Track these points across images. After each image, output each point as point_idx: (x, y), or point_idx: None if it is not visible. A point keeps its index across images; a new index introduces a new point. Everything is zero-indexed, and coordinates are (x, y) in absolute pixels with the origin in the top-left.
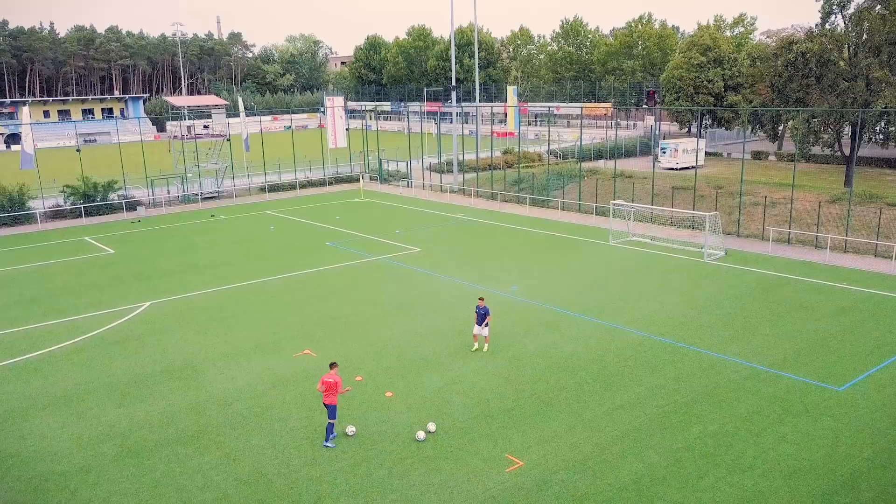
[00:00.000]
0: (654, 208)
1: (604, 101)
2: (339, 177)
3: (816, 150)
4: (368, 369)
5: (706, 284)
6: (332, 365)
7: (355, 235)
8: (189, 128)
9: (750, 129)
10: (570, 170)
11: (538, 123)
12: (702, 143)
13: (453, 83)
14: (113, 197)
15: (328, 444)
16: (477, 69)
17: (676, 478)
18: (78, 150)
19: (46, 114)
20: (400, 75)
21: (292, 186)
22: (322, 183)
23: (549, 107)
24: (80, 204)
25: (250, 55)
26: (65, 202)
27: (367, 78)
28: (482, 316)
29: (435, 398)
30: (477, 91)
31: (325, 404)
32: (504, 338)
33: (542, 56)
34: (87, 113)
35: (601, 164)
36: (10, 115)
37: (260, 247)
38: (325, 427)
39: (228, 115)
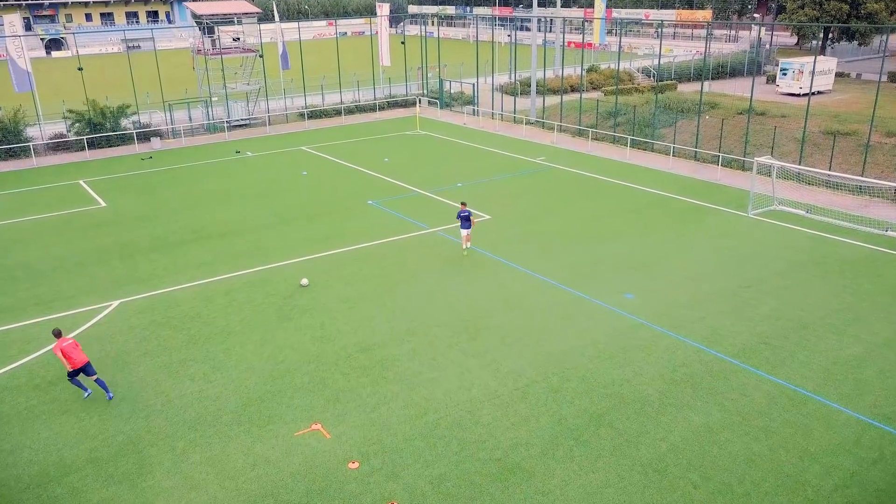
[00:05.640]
0: (818, 171)
1: (701, 9)
2: (393, 100)
3: None
4: (409, 479)
5: None
6: (57, 334)
7: (406, 189)
8: (214, 41)
9: None
10: (680, 101)
11: (624, 33)
12: (832, 62)
13: None
14: (126, 124)
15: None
16: None
17: None
18: (80, 69)
19: (88, 17)
20: None
21: (337, 112)
22: (372, 108)
23: (632, 17)
24: (85, 135)
25: None
26: (68, 131)
27: None
28: (466, 220)
29: None
30: None
31: (71, 372)
32: (630, 409)
33: None
34: (132, 16)
35: (704, 85)
36: (52, 19)
37: (284, 204)
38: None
39: (261, 21)
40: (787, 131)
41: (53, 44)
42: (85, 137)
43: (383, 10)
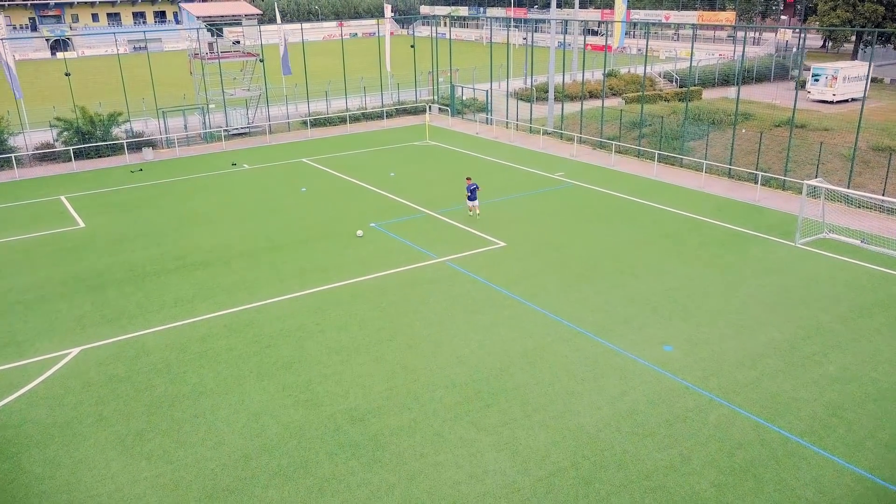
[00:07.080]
0: (880, 198)
1: (723, 10)
2: (402, 107)
3: None
4: None
5: None
6: None
7: (412, 209)
8: (211, 45)
9: None
10: (710, 111)
11: (640, 35)
12: (865, 67)
13: None
14: (118, 133)
15: None
16: None
17: None
18: (67, 74)
19: (95, 17)
20: None
21: (342, 120)
22: (379, 115)
23: (651, 19)
24: (73, 145)
25: None
26: (56, 140)
27: None
28: (473, 191)
29: None
30: None
31: None
32: None
33: None
34: (139, 17)
35: (731, 92)
36: (58, 19)
37: (278, 225)
38: None
39: (262, 23)
40: (829, 146)
41: (59, 44)
42: (72, 147)
43: (387, 12)
